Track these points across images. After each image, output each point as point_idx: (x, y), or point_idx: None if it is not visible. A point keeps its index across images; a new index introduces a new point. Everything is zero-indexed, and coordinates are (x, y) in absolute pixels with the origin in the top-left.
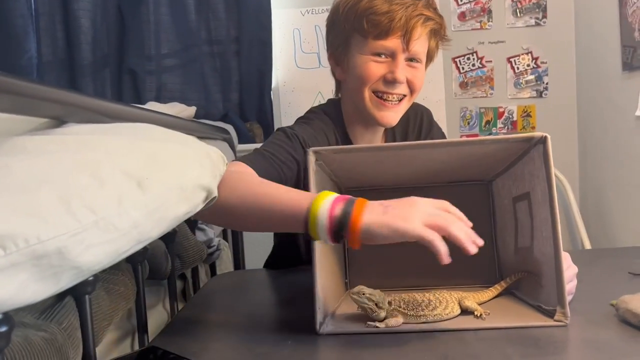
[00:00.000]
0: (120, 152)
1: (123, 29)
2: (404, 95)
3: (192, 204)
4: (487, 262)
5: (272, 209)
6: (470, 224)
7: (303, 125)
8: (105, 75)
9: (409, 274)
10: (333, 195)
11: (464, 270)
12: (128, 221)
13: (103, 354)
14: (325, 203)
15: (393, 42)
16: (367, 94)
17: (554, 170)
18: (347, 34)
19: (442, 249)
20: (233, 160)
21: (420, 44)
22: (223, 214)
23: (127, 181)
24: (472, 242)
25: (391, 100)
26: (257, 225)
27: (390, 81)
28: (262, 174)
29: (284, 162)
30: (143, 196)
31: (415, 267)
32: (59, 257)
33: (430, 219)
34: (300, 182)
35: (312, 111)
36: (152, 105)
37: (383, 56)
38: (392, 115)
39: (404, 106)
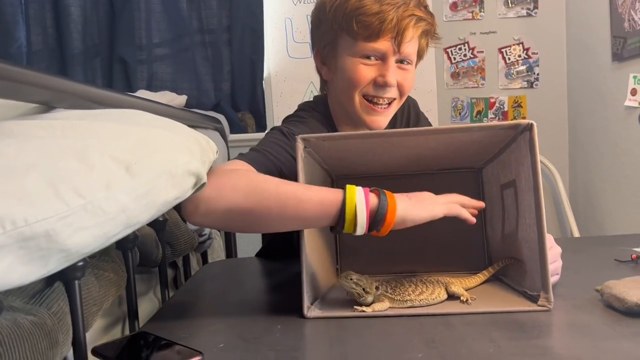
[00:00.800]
0: (109, 137)
1: (114, 17)
2: (394, 99)
3: (182, 189)
4: (476, 249)
5: (300, 208)
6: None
7: (298, 124)
8: (96, 65)
9: (399, 260)
10: (360, 188)
11: (454, 257)
12: (116, 205)
13: (93, 339)
14: (359, 197)
15: (384, 44)
16: (357, 98)
17: (539, 158)
18: (334, 33)
19: (468, 216)
20: (232, 160)
21: (411, 45)
22: (240, 217)
23: (116, 166)
24: (471, 217)
25: (381, 104)
26: (281, 226)
27: (380, 85)
28: (261, 171)
29: (282, 161)
30: (131, 181)
31: (406, 254)
32: (46, 240)
33: (447, 203)
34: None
35: (303, 109)
36: (142, 94)
37: (373, 58)
38: (382, 119)
39: (394, 109)
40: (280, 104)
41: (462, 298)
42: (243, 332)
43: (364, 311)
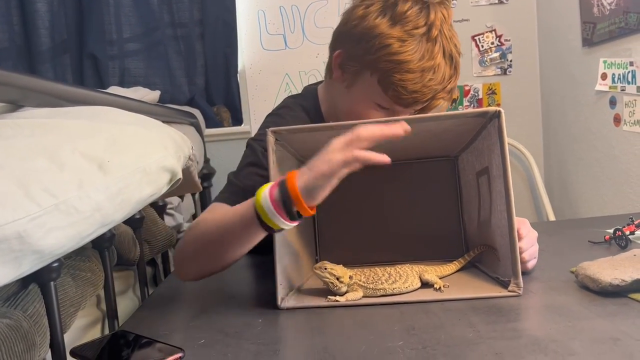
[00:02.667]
0: (80, 135)
1: (82, 12)
2: None
3: (156, 186)
4: (454, 237)
5: (233, 231)
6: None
7: (275, 124)
8: (66, 61)
9: (379, 250)
10: (267, 185)
11: (433, 246)
12: (90, 204)
13: (72, 340)
14: (265, 191)
15: (405, 110)
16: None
17: (507, 145)
18: (367, 67)
19: (370, 155)
20: (211, 204)
21: None
22: (202, 262)
23: (88, 164)
24: (391, 126)
25: None
26: (233, 252)
27: None
28: None
29: (257, 187)
30: (105, 179)
31: (385, 244)
32: (19, 242)
33: (345, 145)
34: None
35: (286, 106)
36: (114, 90)
37: (385, 110)
38: None
39: None
40: (256, 97)
41: (435, 286)
42: (224, 326)
43: (337, 301)
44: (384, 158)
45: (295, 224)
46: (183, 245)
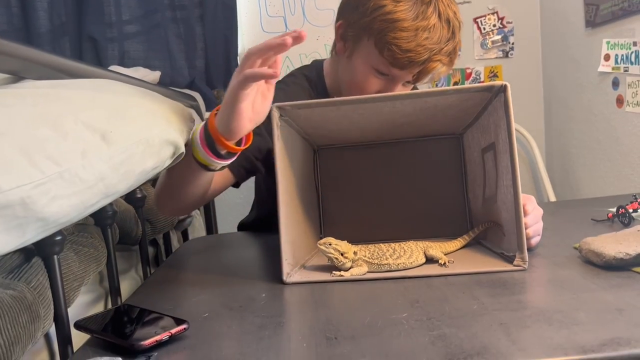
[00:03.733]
0: (83, 106)
1: None
2: None
3: (159, 158)
4: (458, 215)
5: (181, 171)
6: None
7: (277, 92)
8: (64, 44)
9: (383, 228)
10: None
11: (437, 223)
12: (93, 173)
13: (76, 316)
14: (198, 130)
15: (401, 73)
16: (353, 94)
17: (513, 119)
18: (364, 33)
19: (258, 70)
20: None
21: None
22: (165, 197)
23: (91, 134)
24: (278, 37)
25: None
26: (186, 191)
27: None
28: (231, 167)
29: (256, 149)
30: (108, 149)
31: (390, 221)
32: (23, 208)
33: (241, 70)
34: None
35: (292, 74)
36: (115, 69)
37: (384, 75)
38: None
39: None
40: None
41: (440, 261)
42: (228, 301)
43: (342, 276)
44: (269, 71)
45: (224, 162)
46: (157, 185)
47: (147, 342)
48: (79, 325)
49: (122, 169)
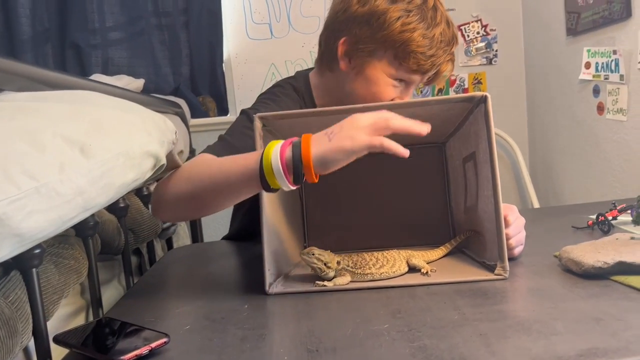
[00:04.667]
0: (61, 118)
1: (64, 2)
2: None
3: (140, 171)
4: (441, 223)
5: (229, 181)
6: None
7: (267, 103)
8: (47, 50)
9: (367, 236)
10: (279, 143)
11: (420, 232)
12: (72, 187)
13: (56, 329)
14: (275, 149)
15: (419, 78)
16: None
17: (493, 129)
18: (381, 46)
19: (395, 146)
20: (199, 153)
21: None
22: (187, 204)
23: (69, 147)
24: (418, 124)
25: None
26: (221, 203)
27: None
28: None
29: (247, 147)
30: (87, 162)
31: (373, 230)
32: None
33: (372, 128)
34: None
35: (279, 85)
36: (97, 78)
37: (402, 83)
38: None
39: None
40: (242, 86)
41: (422, 270)
42: (210, 312)
43: (325, 286)
44: (406, 152)
45: (295, 187)
46: (170, 185)
47: (127, 357)
48: (58, 340)
49: (102, 182)
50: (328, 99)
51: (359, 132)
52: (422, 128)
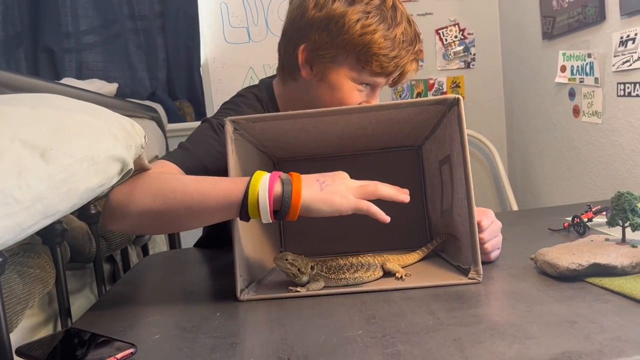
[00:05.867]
0: (21, 122)
1: (37, 4)
2: None
3: (106, 176)
4: (418, 227)
5: (205, 205)
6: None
7: (228, 113)
8: (20, 55)
9: (344, 240)
10: (266, 175)
11: (398, 235)
12: (30, 194)
13: (21, 340)
14: (263, 183)
15: (384, 80)
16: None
17: (466, 132)
18: (342, 52)
19: (379, 212)
20: (158, 160)
21: None
22: (153, 220)
23: (29, 152)
24: (401, 193)
25: None
26: (192, 224)
27: None
28: (187, 170)
29: (209, 157)
30: (47, 167)
31: (350, 234)
32: None
33: (361, 190)
34: (228, 175)
35: (241, 94)
36: (68, 82)
37: (368, 86)
38: None
39: None
40: (219, 91)
41: (397, 275)
42: (181, 321)
43: (298, 291)
44: (387, 218)
45: (272, 221)
46: (135, 196)
47: None
48: (21, 352)
49: (64, 187)
50: (292, 108)
51: (349, 192)
52: (405, 197)
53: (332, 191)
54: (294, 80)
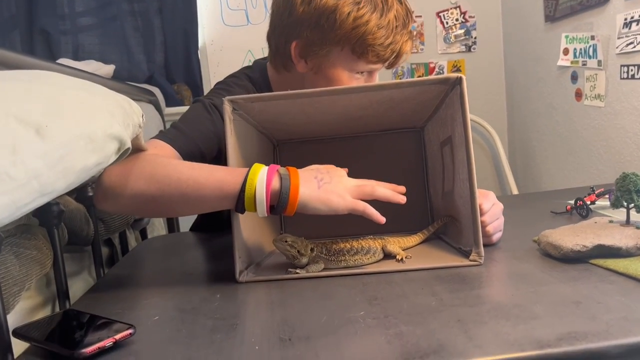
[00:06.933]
0: (15, 98)
1: None
2: None
3: (103, 154)
4: (419, 209)
5: (200, 193)
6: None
7: (220, 94)
8: (15, 37)
9: (345, 223)
10: (264, 169)
11: (399, 218)
12: (25, 171)
13: (19, 321)
14: (261, 177)
15: (380, 65)
16: None
17: (468, 111)
18: (336, 45)
19: (374, 213)
20: (151, 139)
21: None
22: (145, 204)
23: (23, 128)
24: (397, 195)
25: None
26: (185, 211)
27: None
28: (181, 151)
29: (202, 138)
30: (43, 144)
31: (351, 217)
32: None
33: (358, 190)
34: (222, 155)
35: (233, 76)
36: (64, 62)
37: (364, 73)
38: None
39: None
40: (218, 74)
41: (397, 257)
42: (180, 303)
43: (297, 273)
44: (382, 219)
45: (268, 215)
46: (129, 179)
47: (89, 350)
48: (17, 333)
49: (60, 165)
50: (282, 89)
51: (346, 192)
52: (402, 198)
53: (330, 190)
54: (288, 71)
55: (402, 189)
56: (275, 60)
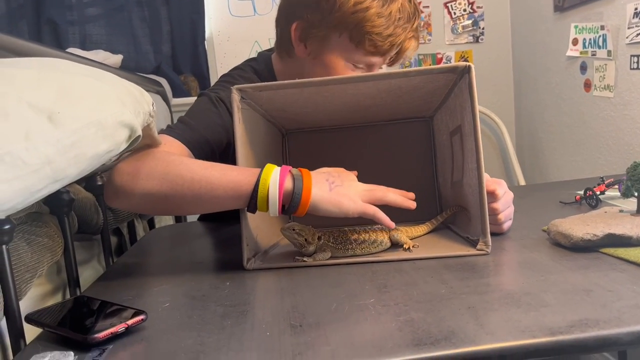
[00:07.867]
0: (28, 85)
1: None
2: None
3: (114, 142)
4: (428, 199)
5: (213, 194)
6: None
7: (225, 86)
8: (22, 27)
9: (352, 218)
10: (277, 169)
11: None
12: (39, 156)
13: (30, 308)
14: (274, 178)
15: (380, 59)
16: None
17: (477, 100)
18: (335, 29)
19: (384, 218)
20: (159, 134)
21: None
22: (157, 203)
23: (36, 115)
24: (408, 200)
25: None
26: (197, 210)
27: None
28: (190, 146)
29: (210, 131)
30: (55, 131)
31: None
32: None
33: (369, 194)
34: (231, 148)
35: (238, 68)
36: (72, 51)
37: (362, 66)
38: None
39: None
40: (224, 64)
41: (404, 246)
42: (190, 290)
43: (304, 261)
44: (392, 224)
45: (280, 215)
46: (141, 177)
47: (102, 335)
48: (30, 319)
49: (72, 152)
50: (287, 78)
51: (357, 196)
52: (412, 203)
53: (341, 193)
54: (290, 56)
55: (412, 195)
56: (279, 47)
